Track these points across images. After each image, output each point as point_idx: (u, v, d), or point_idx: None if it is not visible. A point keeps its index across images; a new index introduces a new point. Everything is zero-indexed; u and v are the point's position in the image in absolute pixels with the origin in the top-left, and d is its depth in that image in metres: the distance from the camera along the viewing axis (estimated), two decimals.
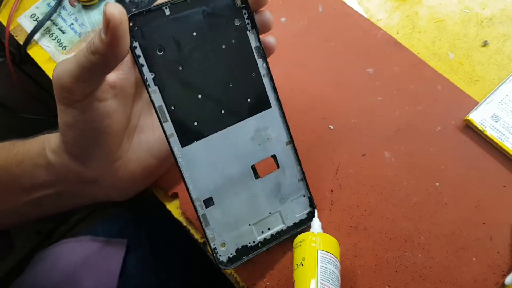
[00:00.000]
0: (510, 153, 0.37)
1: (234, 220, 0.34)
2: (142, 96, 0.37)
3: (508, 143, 0.38)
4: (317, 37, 0.45)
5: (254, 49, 0.32)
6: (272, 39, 0.34)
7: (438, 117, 0.40)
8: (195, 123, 0.32)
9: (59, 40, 0.49)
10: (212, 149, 0.33)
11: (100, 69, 0.29)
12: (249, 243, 0.35)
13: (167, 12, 0.30)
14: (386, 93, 0.42)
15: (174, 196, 0.40)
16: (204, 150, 0.33)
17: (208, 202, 0.33)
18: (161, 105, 0.31)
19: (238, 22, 0.32)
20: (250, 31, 0.32)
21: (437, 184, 0.38)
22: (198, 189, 0.33)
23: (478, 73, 0.42)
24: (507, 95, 0.39)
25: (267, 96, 0.33)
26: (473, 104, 0.40)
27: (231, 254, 0.34)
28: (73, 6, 0.50)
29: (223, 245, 0.34)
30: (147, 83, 0.30)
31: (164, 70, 0.31)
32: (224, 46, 0.32)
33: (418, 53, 0.43)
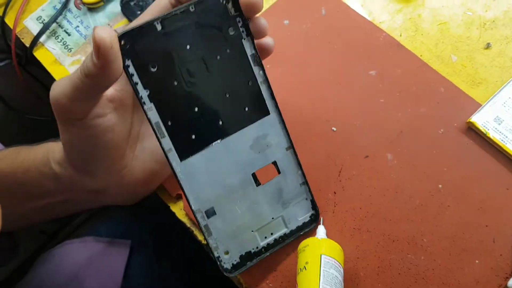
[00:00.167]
0: None
1: (236, 228, 0.34)
2: None
3: (511, 146, 0.38)
4: (320, 39, 0.45)
5: (250, 57, 0.31)
6: (269, 39, 0.33)
7: (440, 119, 0.40)
8: (193, 136, 0.31)
9: (64, 42, 0.49)
10: (212, 160, 0.32)
11: (95, 89, 0.29)
12: (252, 249, 0.35)
13: (159, 27, 0.28)
14: (389, 95, 0.42)
15: (178, 198, 0.41)
16: (203, 162, 0.32)
17: (210, 213, 0.33)
18: (157, 121, 0.30)
19: (232, 31, 0.31)
20: (245, 39, 0.31)
21: (440, 186, 0.38)
22: (199, 200, 0.32)
23: (481, 75, 0.42)
24: (510, 98, 0.39)
25: (265, 103, 0.33)
26: (475, 106, 0.40)
27: (235, 261, 0.34)
28: (78, 8, 0.51)
29: (226, 253, 0.34)
30: (142, 100, 0.29)
31: (159, 86, 0.30)
32: (219, 57, 0.31)
33: (421, 55, 0.43)
